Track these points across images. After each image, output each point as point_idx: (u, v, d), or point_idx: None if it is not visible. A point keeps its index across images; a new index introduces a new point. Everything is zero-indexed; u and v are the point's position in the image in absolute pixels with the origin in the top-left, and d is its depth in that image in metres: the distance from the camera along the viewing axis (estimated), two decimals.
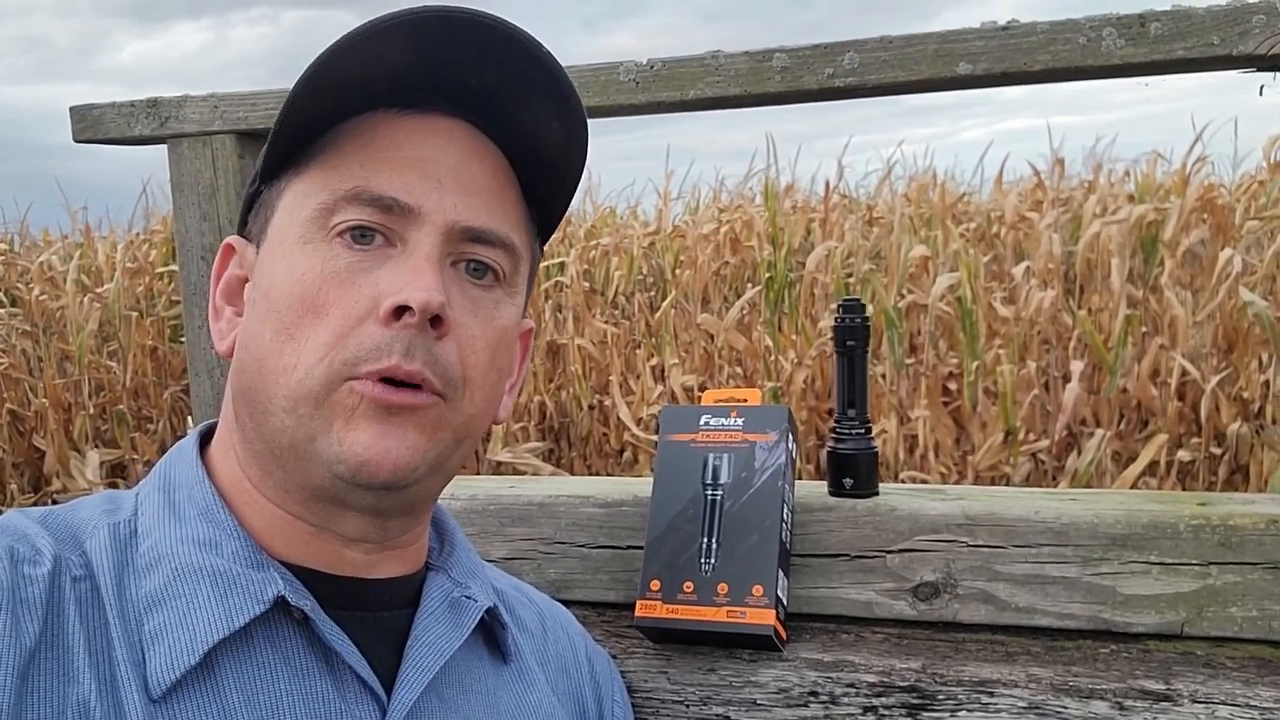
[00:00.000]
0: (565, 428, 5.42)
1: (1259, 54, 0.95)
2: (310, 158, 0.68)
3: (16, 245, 6.82)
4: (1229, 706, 0.84)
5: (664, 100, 1.11)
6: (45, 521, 0.64)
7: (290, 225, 0.67)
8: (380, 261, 0.65)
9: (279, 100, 1.22)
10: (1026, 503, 0.98)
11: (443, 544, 0.79)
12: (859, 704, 0.91)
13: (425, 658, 0.68)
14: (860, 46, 1.04)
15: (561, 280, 5.65)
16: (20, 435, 5.47)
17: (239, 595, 0.62)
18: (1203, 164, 4.95)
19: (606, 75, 1.12)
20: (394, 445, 0.63)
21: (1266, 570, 0.91)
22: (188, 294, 1.29)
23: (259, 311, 0.67)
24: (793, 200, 6.11)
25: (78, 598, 0.60)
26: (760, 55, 1.07)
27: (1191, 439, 4.34)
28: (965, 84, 1.03)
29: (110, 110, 1.29)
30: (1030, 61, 1.00)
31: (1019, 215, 5.34)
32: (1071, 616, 0.95)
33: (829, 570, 1.00)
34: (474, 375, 0.68)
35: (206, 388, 1.30)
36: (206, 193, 1.27)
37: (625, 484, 1.11)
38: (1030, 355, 4.60)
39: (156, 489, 0.68)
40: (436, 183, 0.67)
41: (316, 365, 0.63)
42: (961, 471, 4.40)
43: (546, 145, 0.72)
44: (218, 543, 0.65)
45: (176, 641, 0.60)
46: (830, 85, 1.05)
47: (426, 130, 0.69)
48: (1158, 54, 0.97)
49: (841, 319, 1.05)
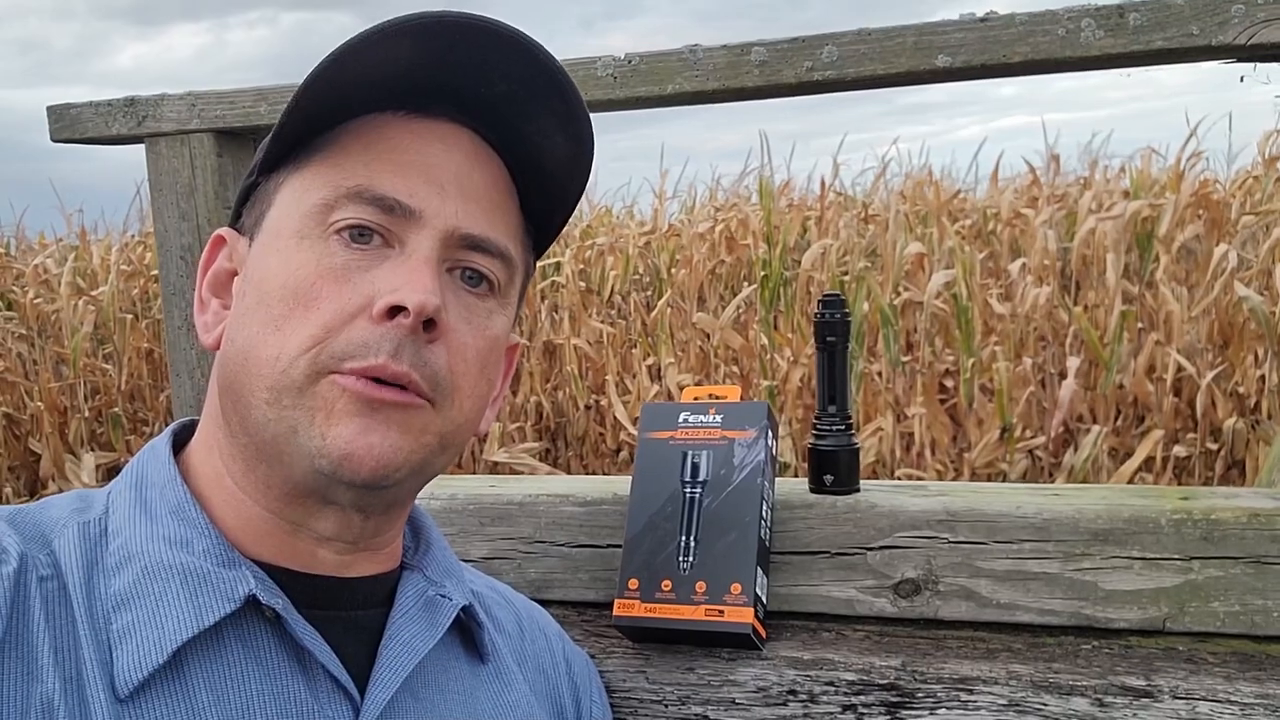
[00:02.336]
0: (561, 428, 5.42)
1: (1239, 44, 0.94)
2: (312, 153, 0.68)
3: (12, 249, 6.81)
4: (1209, 702, 0.83)
5: (642, 95, 1.10)
6: (13, 520, 0.63)
7: (287, 219, 0.67)
8: (377, 261, 0.64)
9: (256, 99, 1.22)
10: (1008, 498, 0.97)
11: (418, 543, 0.78)
12: (838, 702, 0.90)
13: (399, 656, 0.67)
14: (838, 40, 1.03)
15: (557, 280, 5.64)
16: (16, 439, 5.46)
17: (209, 593, 0.62)
18: (1197, 160, 4.95)
19: (585, 70, 1.11)
20: (377, 441, 0.63)
21: (1249, 565, 0.90)
22: (167, 294, 1.28)
23: (248, 304, 0.66)
24: (788, 198, 6.11)
25: (44, 597, 0.59)
26: (738, 49, 1.07)
27: (1188, 435, 4.34)
28: (944, 76, 1.02)
29: (88, 109, 1.28)
30: (1009, 53, 0.99)
31: (1014, 212, 5.34)
32: (1053, 613, 0.94)
33: (809, 567, 1.00)
34: (462, 383, 0.67)
35: (187, 388, 1.30)
36: (185, 191, 1.25)
37: (605, 483, 1.10)
38: (1026, 352, 4.60)
39: (128, 487, 0.67)
40: (439, 187, 0.66)
41: (300, 356, 0.62)
42: (958, 469, 4.40)
43: (550, 159, 0.72)
44: (189, 541, 0.64)
45: (145, 640, 0.59)
46: (809, 79, 1.04)
47: (431, 135, 0.68)
48: (1137, 45, 0.97)
49: (821, 314, 1.04)
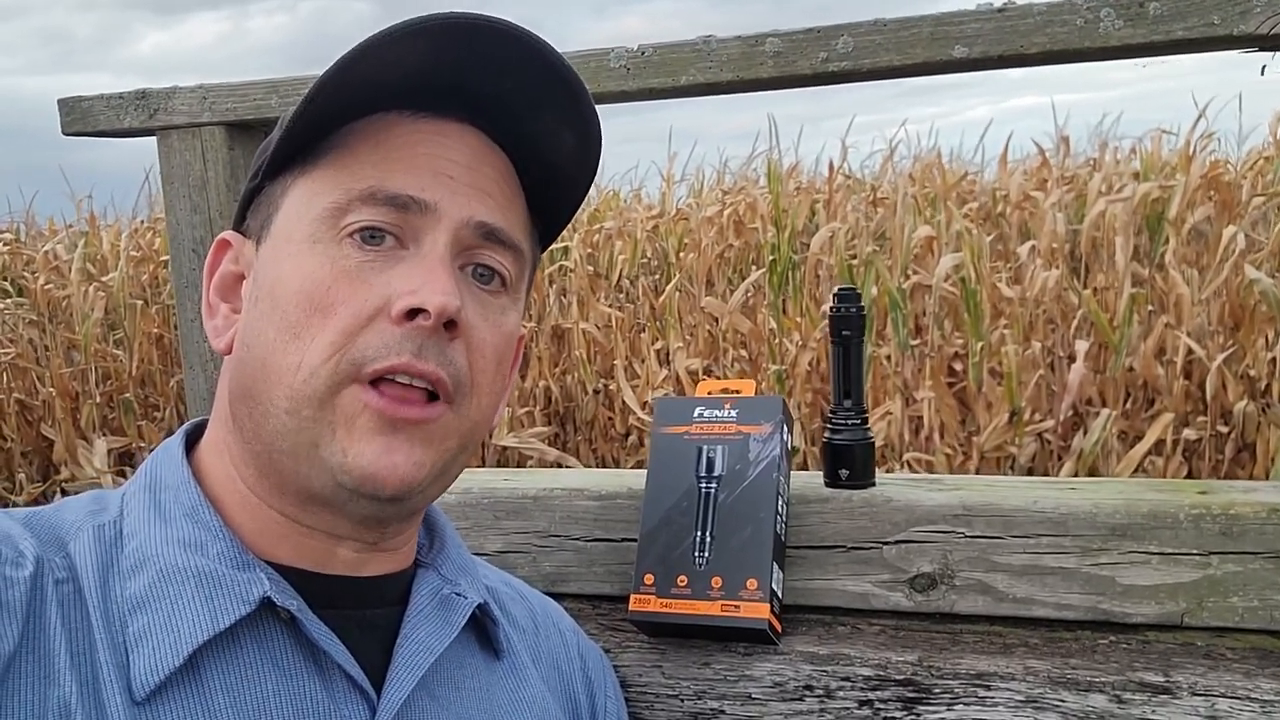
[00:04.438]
0: (570, 412, 5.42)
1: (1260, 34, 0.93)
2: (319, 156, 0.67)
3: (23, 235, 6.82)
4: (1229, 699, 0.83)
5: (655, 87, 1.09)
6: (29, 523, 0.63)
7: (298, 224, 0.66)
8: (392, 262, 0.64)
9: (268, 91, 1.21)
10: (1024, 493, 0.97)
11: (432, 540, 0.78)
12: (855, 698, 0.90)
13: (415, 656, 0.67)
14: (854, 30, 1.02)
15: (565, 264, 5.63)
16: (29, 424, 5.48)
17: (224, 596, 0.62)
18: (1208, 141, 4.90)
19: (597, 62, 1.10)
20: (401, 460, 0.63)
21: (1268, 559, 0.90)
22: (180, 286, 1.28)
23: (262, 310, 0.66)
24: (797, 181, 6.08)
25: (60, 600, 0.60)
26: (753, 40, 1.06)
27: (1198, 418, 4.32)
28: (961, 67, 1.01)
29: (99, 102, 1.28)
30: (1027, 44, 0.98)
31: (1024, 194, 5.31)
32: (1070, 607, 0.93)
33: (825, 562, 1.00)
34: (481, 381, 0.67)
35: (200, 380, 1.30)
36: (197, 185, 1.25)
37: (620, 476, 1.10)
38: (1035, 335, 4.58)
39: (142, 489, 0.68)
40: (450, 179, 0.66)
41: (322, 365, 0.62)
42: (967, 453, 4.39)
43: (557, 156, 0.72)
44: (203, 544, 0.64)
45: (160, 643, 0.60)
46: (824, 70, 1.03)
47: (438, 132, 0.68)
48: (1157, 35, 0.95)
49: (837, 308, 1.03)
